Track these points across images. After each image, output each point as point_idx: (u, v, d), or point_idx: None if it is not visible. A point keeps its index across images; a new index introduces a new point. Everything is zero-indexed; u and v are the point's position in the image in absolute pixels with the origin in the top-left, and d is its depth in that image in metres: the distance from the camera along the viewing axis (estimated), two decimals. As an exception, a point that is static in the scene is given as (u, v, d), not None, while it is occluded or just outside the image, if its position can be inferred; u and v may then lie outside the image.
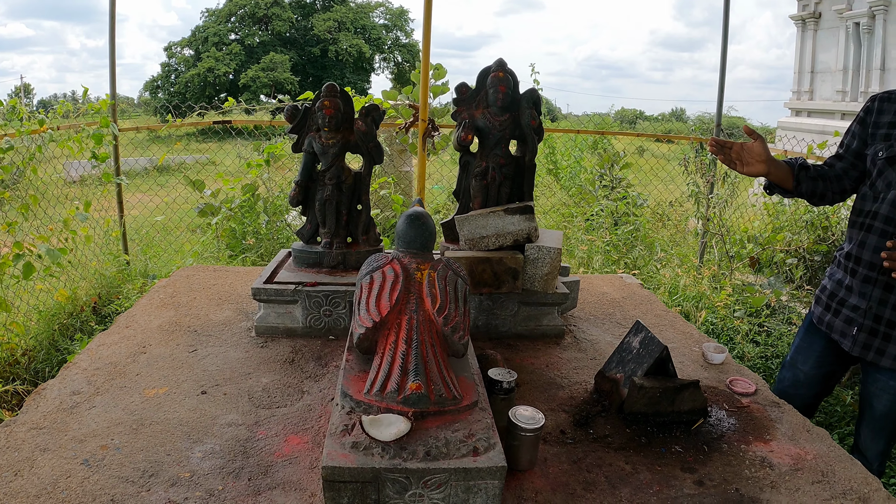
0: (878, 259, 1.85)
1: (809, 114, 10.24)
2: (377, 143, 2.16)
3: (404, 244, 1.59)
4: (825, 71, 9.93)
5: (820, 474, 1.49)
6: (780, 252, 5.01)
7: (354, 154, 2.20)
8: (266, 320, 2.03)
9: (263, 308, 2.04)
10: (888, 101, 1.92)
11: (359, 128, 2.11)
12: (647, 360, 1.74)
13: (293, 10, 29.05)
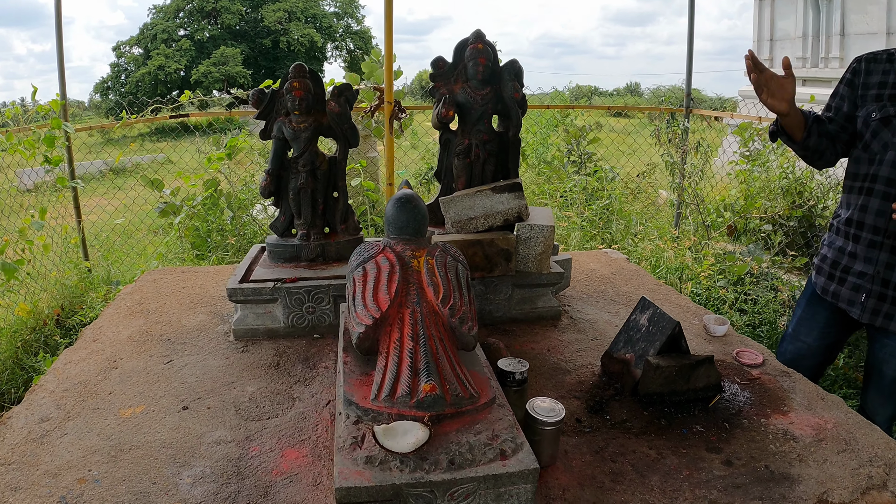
0: (882, 223, 1.84)
1: (771, 80, 10.38)
2: (352, 125, 2.04)
3: (396, 230, 1.49)
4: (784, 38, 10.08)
5: (843, 443, 1.46)
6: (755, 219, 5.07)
7: (327, 138, 2.08)
8: (244, 322, 1.90)
9: (241, 309, 1.91)
10: (874, 61, 1.90)
11: (332, 109, 1.98)
12: (658, 337, 1.68)
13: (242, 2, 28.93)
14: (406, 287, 1.31)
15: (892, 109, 1.81)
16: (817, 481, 1.31)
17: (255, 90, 1.93)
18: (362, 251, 1.44)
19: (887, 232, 1.84)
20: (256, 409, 1.50)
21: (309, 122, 1.96)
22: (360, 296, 1.29)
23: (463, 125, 2.19)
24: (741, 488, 1.28)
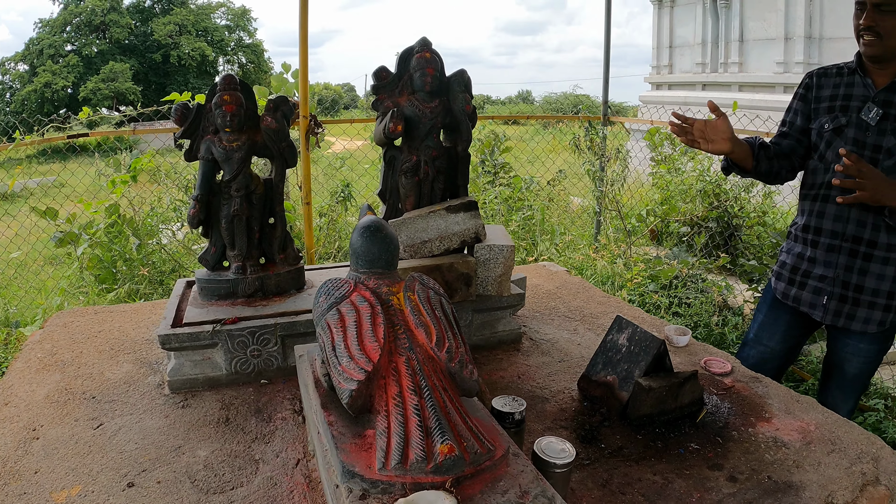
0: (840, 227, 1.98)
1: (670, 87, 11.22)
2: (291, 143, 1.91)
3: (366, 263, 1.39)
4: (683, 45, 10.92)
5: (830, 444, 1.53)
6: (674, 222, 5.37)
7: (261, 157, 1.94)
8: (181, 372, 1.71)
9: (175, 358, 1.72)
10: (825, 76, 2.07)
11: (268, 125, 1.85)
12: (643, 357, 1.69)
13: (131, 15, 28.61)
14: (393, 331, 1.22)
15: (843, 120, 1.97)
16: (819, 485, 1.36)
17: (178, 105, 1.76)
18: (330, 290, 1.33)
19: (845, 236, 1.98)
20: (216, 479, 1.34)
21: (242, 140, 1.82)
22: (342, 345, 1.18)
23: (410, 141, 2.12)
24: (753, 503, 1.30)
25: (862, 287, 1.98)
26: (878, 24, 1.86)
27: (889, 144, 1.88)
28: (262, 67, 31.57)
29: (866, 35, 1.90)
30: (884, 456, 1.46)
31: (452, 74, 2.12)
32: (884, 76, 1.94)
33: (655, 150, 5.98)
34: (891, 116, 1.89)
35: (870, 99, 1.93)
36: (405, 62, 2.09)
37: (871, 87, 1.95)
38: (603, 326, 2.40)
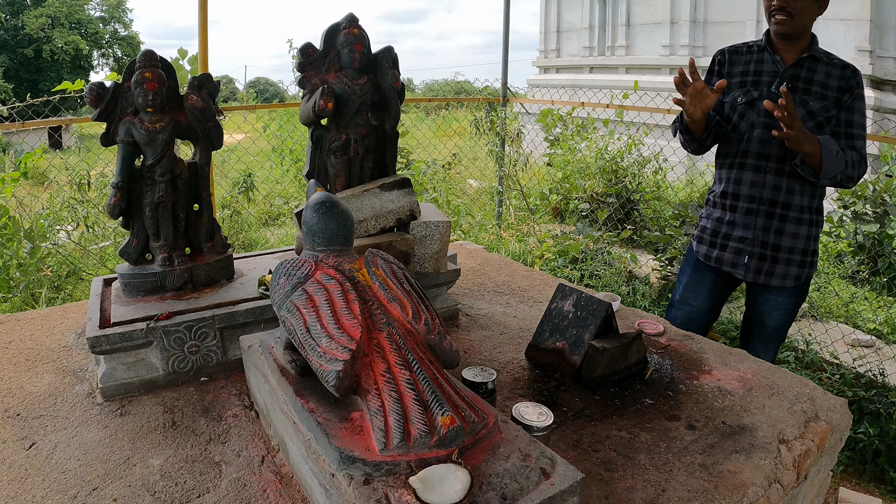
0: (756, 192, 2.15)
1: (558, 70, 11.67)
2: (217, 123, 1.79)
3: (324, 240, 1.33)
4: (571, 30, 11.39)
5: (769, 389, 1.67)
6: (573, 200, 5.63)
7: (184, 140, 1.80)
8: (113, 377, 1.56)
9: (105, 362, 1.56)
10: (735, 53, 2.25)
11: (193, 104, 1.71)
12: (591, 321, 1.75)
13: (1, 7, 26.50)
14: (367, 307, 1.18)
15: (755, 93, 2.14)
16: (769, 425, 1.48)
17: (93, 84, 1.58)
18: (290, 271, 1.27)
19: (761, 199, 2.15)
20: (178, 488, 1.23)
21: (165, 120, 1.67)
22: (317, 326, 1.12)
23: (338, 119, 2.05)
24: (716, 446, 1.39)
25: (779, 246, 2.17)
26: (789, 4, 2.03)
27: (798, 115, 2.06)
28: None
29: (778, 15, 2.06)
30: (817, 395, 1.62)
31: (380, 51, 2.07)
32: (791, 53, 2.12)
33: (548, 131, 6.22)
34: (798, 90, 2.08)
35: (779, 74, 2.11)
36: (331, 38, 2.01)
37: (780, 64, 2.12)
38: (533, 299, 2.47)
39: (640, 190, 5.61)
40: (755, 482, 1.25)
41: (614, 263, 4.58)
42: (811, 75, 2.09)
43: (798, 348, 3.39)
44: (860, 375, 3.11)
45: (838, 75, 2.07)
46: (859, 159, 2.06)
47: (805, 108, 2.07)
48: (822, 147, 1.98)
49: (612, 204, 5.44)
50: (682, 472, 1.30)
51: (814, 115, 2.07)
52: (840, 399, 1.61)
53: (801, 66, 2.10)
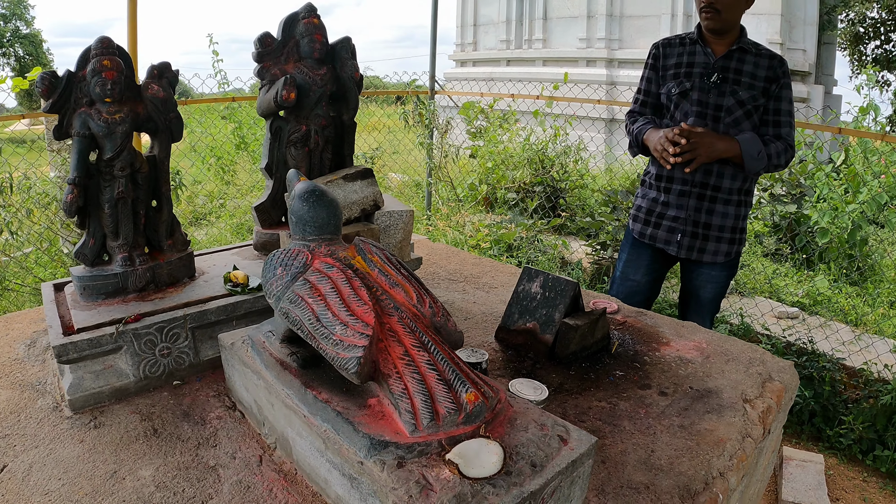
0: (689, 176, 2.32)
1: (475, 63, 11.86)
2: (178, 114, 1.72)
3: (315, 229, 1.33)
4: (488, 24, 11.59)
5: (724, 355, 1.83)
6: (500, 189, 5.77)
7: (142, 132, 1.72)
8: (81, 387, 1.47)
9: (72, 371, 1.48)
10: (669, 46, 2.41)
11: (154, 94, 1.64)
12: (561, 300, 1.84)
13: None
14: (372, 293, 1.20)
15: (688, 84, 2.30)
16: (731, 387, 1.62)
17: (44, 73, 1.47)
18: (286, 262, 1.26)
19: (693, 182, 2.33)
20: (177, 497, 1.20)
21: (125, 112, 1.59)
22: (328, 314, 1.12)
23: (298, 110, 2.03)
24: (689, 409, 1.52)
25: (710, 224, 2.35)
26: (717, 0, 2.20)
27: (728, 104, 2.25)
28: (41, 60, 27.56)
29: (706, 11, 2.23)
30: (767, 359, 1.79)
31: (338, 41, 2.07)
32: (722, 45, 2.30)
33: (471, 123, 6.34)
34: (729, 80, 2.25)
35: (710, 66, 2.28)
36: (290, 28, 1.98)
37: (711, 56, 2.30)
38: (488, 285, 2.54)
39: (566, 179, 5.83)
40: (731, 437, 1.38)
41: (547, 250, 4.75)
42: (740, 66, 2.27)
43: (732, 322, 3.67)
44: (791, 344, 3.42)
45: (766, 65, 2.26)
46: (785, 148, 2.27)
47: (735, 97, 2.25)
48: (743, 151, 2.19)
49: (539, 193, 5.62)
50: (665, 433, 1.41)
51: (743, 103, 2.25)
52: (787, 361, 1.79)
53: (730, 57, 2.28)
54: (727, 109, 2.25)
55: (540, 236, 5.03)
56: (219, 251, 2.17)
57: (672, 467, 1.28)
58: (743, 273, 4.73)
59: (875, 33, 9.45)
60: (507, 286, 2.50)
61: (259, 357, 1.35)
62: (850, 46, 9.77)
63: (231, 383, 1.52)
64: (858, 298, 4.49)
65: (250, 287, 1.78)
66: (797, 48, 8.39)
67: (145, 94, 1.64)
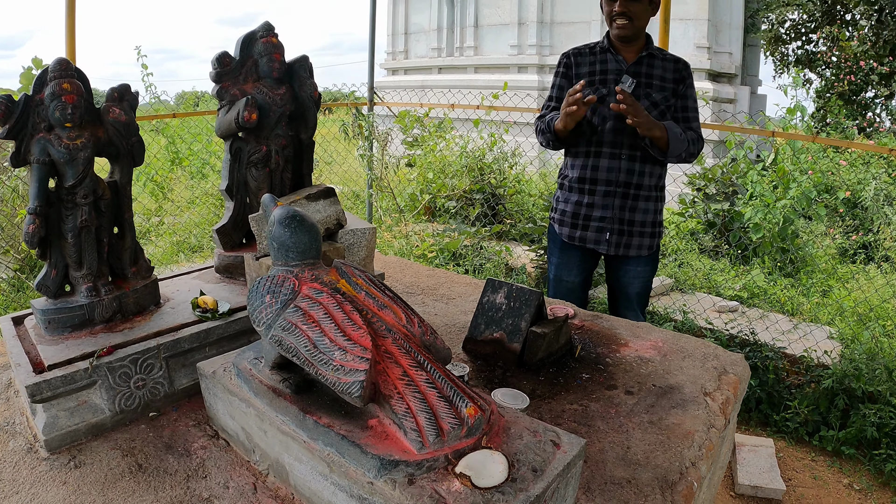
0: (613, 176, 2.49)
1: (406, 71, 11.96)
2: (140, 138, 1.72)
3: (298, 255, 1.37)
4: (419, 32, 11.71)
5: (680, 352, 1.98)
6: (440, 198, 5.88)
7: (103, 156, 1.70)
8: (56, 426, 1.45)
9: (45, 410, 1.45)
10: (580, 55, 2.57)
11: (116, 117, 1.63)
12: (526, 309, 1.94)
13: None
14: (364, 316, 1.25)
15: (604, 90, 2.46)
16: (691, 382, 1.76)
17: (0, 98, 1.45)
18: (273, 288, 1.29)
19: (618, 183, 2.50)
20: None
21: (86, 136, 1.57)
22: (324, 340, 1.16)
23: (258, 130, 2.05)
24: (655, 405, 1.64)
25: (633, 221, 2.54)
26: (628, 10, 2.39)
27: (644, 106, 2.42)
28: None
29: (619, 19, 2.41)
30: (720, 353, 1.94)
31: (296, 60, 2.10)
32: (631, 52, 2.49)
33: (406, 132, 6.44)
34: (642, 84, 2.45)
35: (623, 72, 2.46)
36: (248, 47, 2.01)
37: (622, 62, 2.48)
38: (446, 296, 2.62)
39: (504, 185, 5.99)
40: (697, 429, 1.51)
41: (492, 257, 4.88)
42: (650, 70, 2.47)
43: (676, 319, 3.89)
44: (734, 336, 3.66)
45: (672, 69, 2.48)
46: (696, 137, 2.50)
47: (649, 99, 2.45)
48: (668, 131, 2.37)
49: (479, 200, 5.76)
50: (637, 430, 1.52)
51: (657, 104, 2.45)
52: (738, 354, 1.95)
53: (641, 63, 2.48)
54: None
55: (483, 243, 5.15)
56: (179, 275, 2.15)
57: (649, 461, 1.40)
58: (682, 270, 5.02)
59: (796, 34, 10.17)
60: (464, 296, 2.59)
61: (247, 385, 1.37)
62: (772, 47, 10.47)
63: (213, 412, 1.53)
64: (793, 289, 4.84)
65: (220, 312, 1.79)
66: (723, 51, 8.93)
67: (106, 117, 1.63)
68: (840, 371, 3.22)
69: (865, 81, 9.11)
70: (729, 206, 5.53)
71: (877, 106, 9.46)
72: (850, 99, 9.30)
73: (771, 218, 5.02)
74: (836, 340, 3.83)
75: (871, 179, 6.41)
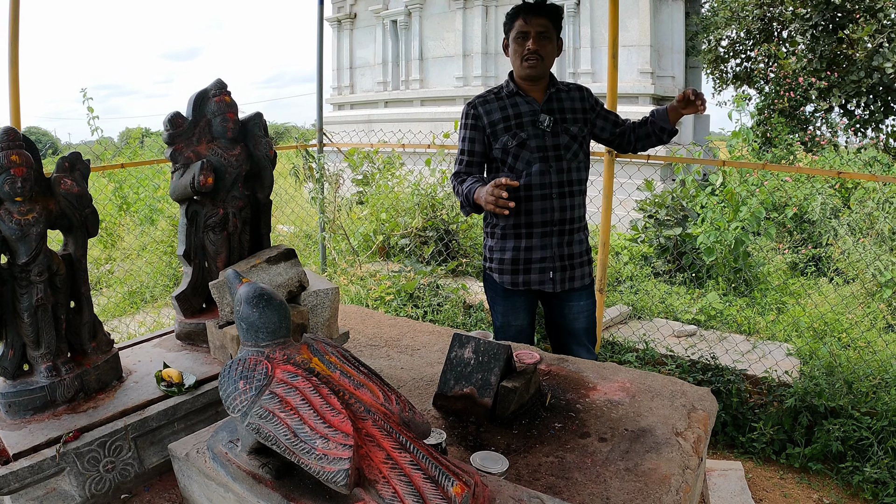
0: (548, 217, 2.61)
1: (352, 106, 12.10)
2: (94, 209, 1.74)
3: (268, 335, 1.39)
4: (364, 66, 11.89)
5: (648, 392, 2.09)
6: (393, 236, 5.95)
7: (55, 229, 1.71)
8: (23, 520, 1.44)
9: (13, 501, 1.44)
10: (486, 103, 2.68)
11: (68, 189, 1.64)
12: (495, 363, 2.01)
13: None
14: (342, 399, 1.29)
15: (524, 135, 2.59)
16: (662, 423, 1.87)
17: None
18: (246, 374, 1.31)
19: (553, 222, 2.62)
20: None
21: (37, 210, 1.58)
22: (304, 428, 1.19)
23: (214, 192, 2.09)
24: (630, 451, 1.73)
25: (573, 254, 2.69)
26: (540, 49, 2.56)
27: (565, 142, 2.60)
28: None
29: (530, 59, 2.56)
30: (687, 389, 2.06)
31: (249, 118, 2.16)
32: (538, 91, 2.65)
33: (356, 170, 6.51)
34: (558, 121, 2.61)
35: (538, 112, 2.60)
36: (200, 106, 2.05)
37: (534, 103, 2.63)
38: (410, 347, 2.68)
39: (456, 220, 6.11)
40: (673, 472, 1.61)
41: (450, 296, 4.95)
42: (562, 105, 2.65)
43: (638, 348, 4.04)
44: (695, 362, 3.82)
45: (578, 97, 2.69)
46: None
47: (568, 134, 2.62)
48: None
49: (432, 238, 5.86)
50: (615, 479, 1.61)
51: (576, 137, 2.63)
52: (704, 389, 2.08)
53: (552, 100, 2.64)
54: (565, 146, 2.60)
55: (439, 282, 5.22)
56: (139, 343, 2.16)
57: (628, 510, 1.48)
58: (638, 297, 5.20)
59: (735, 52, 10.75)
60: (428, 346, 2.65)
61: (224, 469, 1.38)
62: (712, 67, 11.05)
63: (188, 492, 1.54)
64: (749, 309, 5.07)
65: (186, 385, 1.80)
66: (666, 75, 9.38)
67: (57, 189, 1.64)
68: (801, 389, 3.41)
69: (804, 97, 9.69)
70: (681, 230, 5.78)
71: (817, 119, 10.05)
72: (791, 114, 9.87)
73: (723, 240, 5.28)
74: (795, 357, 4.03)
75: (816, 195, 6.80)
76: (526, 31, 2.55)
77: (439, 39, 10.74)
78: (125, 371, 1.89)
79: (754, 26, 10.20)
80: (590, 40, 9.39)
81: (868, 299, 5.28)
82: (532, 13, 2.56)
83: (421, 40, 10.99)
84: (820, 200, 6.70)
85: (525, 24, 2.56)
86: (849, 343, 4.38)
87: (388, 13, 11.47)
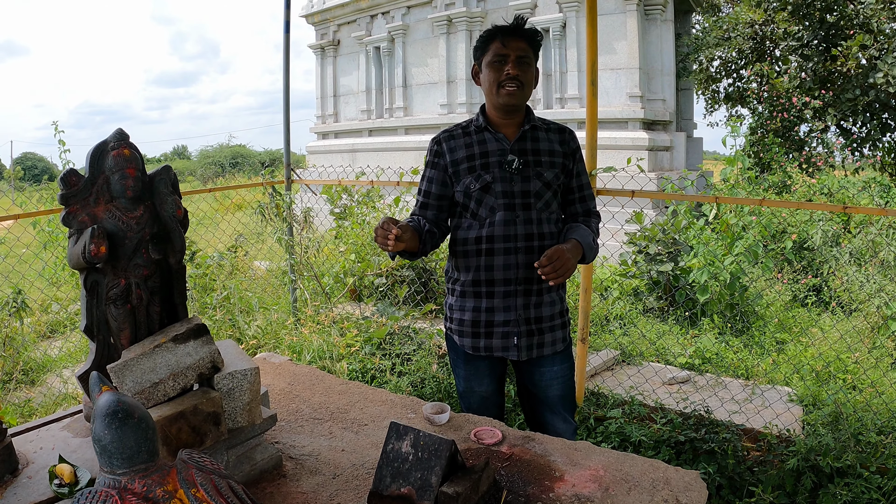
0: (511, 274, 2.29)
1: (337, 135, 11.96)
2: None
3: (124, 461, 1.17)
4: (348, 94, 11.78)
5: (625, 483, 1.81)
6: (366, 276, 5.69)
7: None
8: None
9: None
10: (452, 139, 2.37)
11: None
12: (436, 462, 1.72)
13: None
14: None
15: (488, 177, 2.28)
16: (639, 530, 1.58)
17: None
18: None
19: (517, 280, 2.30)
20: None
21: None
22: None
23: (115, 260, 1.84)
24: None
25: (541, 317, 2.36)
26: (521, 75, 2.24)
27: (536, 188, 2.28)
28: None
29: (509, 85, 2.24)
30: (671, 476, 1.79)
31: (156, 172, 1.91)
32: (511, 128, 2.34)
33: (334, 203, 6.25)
34: (530, 163, 2.29)
35: (506, 152, 2.29)
36: (98, 161, 1.80)
37: (504, 141, 2.31)
38: (357, 422, 2.38)
39: (436, 258, 5.84)
40: None
41: (423, 343, 4.65)
42: (536, 145, 2.32)
43: (625, 402, 3.75)
44: (687, 416, 3.53)
45: (559, 140, 2.36)
46: (598, 219, 2.45)
47: (540, 179, 2.29)
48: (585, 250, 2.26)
49: (408, 277, 5.59)
50: None
51: (549, 184, 2.31)
52: (692, 473, 1.80)
53: (525, 138, 2.32)
54: (536, 194, 2.29)
55: (413, 326, 4.94)
56: (45, 423, 1.92)
57: None
58: (628, 339, 4.93)
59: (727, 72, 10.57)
60: (377, 421, 2.37)
61: None
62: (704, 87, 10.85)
63: None
64: (746, 350, 4.80)
65: (79, 486, 1.54)
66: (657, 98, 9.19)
67: None
68: (804, 447, 3.12)
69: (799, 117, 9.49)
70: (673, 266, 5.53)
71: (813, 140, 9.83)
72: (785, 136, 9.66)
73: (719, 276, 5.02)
74: (796, 403, 3.78)
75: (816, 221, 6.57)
76: (504, 54, 2.24)
77: (423, 66, 10.62)
78: (22, 461, 1.67)
79: (746, 45, 10.04)
80: (577, 64, 9.18)
81: (872, 333, 5.03)
82: (510, 35, 2.27)
83: (405, 67, 10.88)
84: (820, 226, 6.46)
85: (503, 46, 2.25)
86: (853, 385, 4.12)
87: (372, 39, 11.38)
